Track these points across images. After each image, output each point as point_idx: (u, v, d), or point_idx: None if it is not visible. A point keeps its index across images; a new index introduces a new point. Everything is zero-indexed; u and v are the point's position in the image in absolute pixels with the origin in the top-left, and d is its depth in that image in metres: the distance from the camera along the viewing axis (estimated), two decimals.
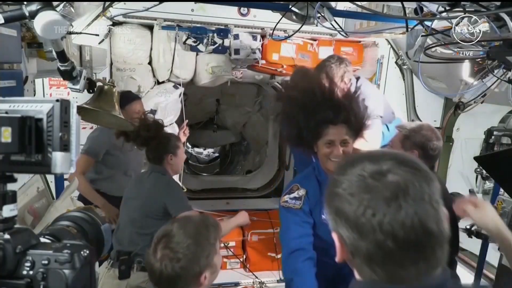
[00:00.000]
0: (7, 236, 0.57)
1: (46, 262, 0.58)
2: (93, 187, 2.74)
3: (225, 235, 2.32)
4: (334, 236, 0.76)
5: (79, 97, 2.65)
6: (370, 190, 0.68)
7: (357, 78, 2.97)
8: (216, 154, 7.06)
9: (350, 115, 1.68)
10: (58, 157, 0.52)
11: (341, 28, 2.20)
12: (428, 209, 0.68)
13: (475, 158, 2.08)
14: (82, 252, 0.60)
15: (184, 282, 1.25)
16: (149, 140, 2.26)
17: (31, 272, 0.58)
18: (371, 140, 2.22)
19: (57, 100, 0.52)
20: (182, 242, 1.25)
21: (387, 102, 3.19)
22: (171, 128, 3.37)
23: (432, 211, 0.68)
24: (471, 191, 2.66)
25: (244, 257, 3.67)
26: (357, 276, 0.74)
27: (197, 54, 3.45)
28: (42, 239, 0.65)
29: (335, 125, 1.66)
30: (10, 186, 0.59)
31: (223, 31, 3.30)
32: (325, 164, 1.77)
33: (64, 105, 0.52)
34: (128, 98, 2.87)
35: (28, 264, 0.58)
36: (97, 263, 0.65)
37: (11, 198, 0.58)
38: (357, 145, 1.80)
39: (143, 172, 2.49)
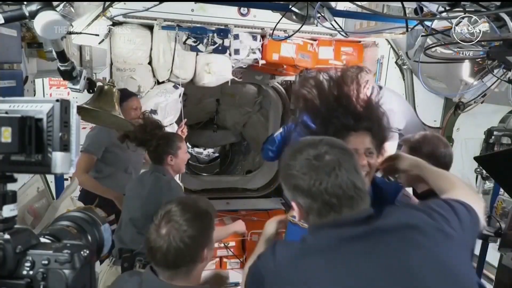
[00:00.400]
0: (7, 236, 0.57)
1: (46, 262, 0.58)
2: None
3: (221, 239, 2.30)
4: (293, 204, 1.06)
5: (79, 97, 2.65)
6: (315, 168, 0.99)
7: (380, 87, 2.95)
8: (216, 154, 7.06)
9: (373, 122, 1.55)
10: (58, 157, 0.52)
11: (341, 28, 2.20)
12: (355, 174, 1.01)
13: (475, 158, 2.08)
14: (82, 252, 0.60)
15: (192, 254, 1.24)
16: (145, 142, 2.25)
17: (31, 272, 0.58)
18: (390, 152, 2.09)
19: (57, 100, 0.52)
20: (184, 215, 1.26)
21: (412, 113, 3.17)
22: (171, 128, 3.37)
23: (358, 175, 1.02)
24: None
25: (244, 257, 3.68)
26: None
27: (197, 54, 3.45)
28: (42, 239, 0.65)
29: (357, 132, 1.50)
30: (10, 186, 0.59)
31: (223, 31, 3.31)
32: None
33: (64, 105, 0.52)
34: (124, 95, 2.83)
35: (28, 264, 0.58)
36: (98, 262, 0.65)
37: (11, 198, 0.58)
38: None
39: (144, 172, 2.48)
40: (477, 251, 2.37)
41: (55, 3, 1.47)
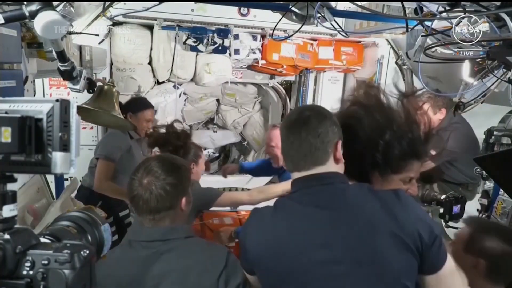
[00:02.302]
0: (7, 236, 0.57)
1: (46, 262, 0.58)
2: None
3: (274, 195, 2.25)
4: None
5: (79, 97, 2.65)
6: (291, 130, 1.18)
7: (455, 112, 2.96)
8: (216, 154, 7.05)
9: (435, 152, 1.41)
10: (58, 157, 0.52)
11: (341, 28, 2.20)
12: (314, 134, 1.14)
13: (475, 159, 2.08)
14: (82, 252, 0.59)
15: (171, 200, 1.32)
16: (178, 149, 2.29)
17: (31, 272, 0.58)
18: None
19: (57, 100, 0.52)
20: (163, 166, 1.34)
21: (473, 143, 3.09)
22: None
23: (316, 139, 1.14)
24: None
25: None
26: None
27: (197, 54, 3.45)
28: (42, 239, 0.65)
29: (419, 160, 1.36)
30: (10, 186, 0.59)
31: (223, 31, 3.31)
32: None
33: (64, 105, 0.52)
34: (141, 104, 2.87)
35: (28, 264, 0.58)
36: None
37: (11, 198, 0.58)
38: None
39: None
40: None
41: (55, 3, 1.46)
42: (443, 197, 2.51)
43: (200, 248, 1.34)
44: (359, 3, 1.96)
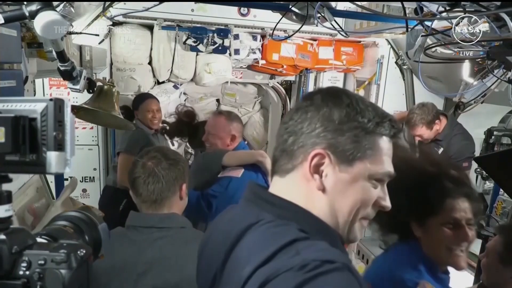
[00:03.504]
0: (3, 236, 0.56)
1: (42, 262, 0.57)
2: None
3: (242, 161, 2.25)
4: None
5: (79, 97, 2.66)
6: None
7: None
8: None
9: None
10: (52, 157, 0.52)
11: (341, 28, 2.19)
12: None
13: (475, 159, 2.08)
14: (78, 252, 0.59)
15: (173, 185, 1.36)
16: (192, 133, 2.42)
17: (27, 272, 0.57)
18: None
19: (51, 99, 0.52)
20: (165, 154, 1.39)
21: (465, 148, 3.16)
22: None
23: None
24: None
25: None
26: None
27: (197, 54, 3.45)
28: (39, 239, 0.65)
29: (453, 198, 1.16)
30: (8, 185, 0.59)
31: (223, 31, 3.31)
32: (446, 258, 1.17)
33: (58, 104, 0.52)
34: (141, 97, 3.02)
35: (24, 264, 0.58)
36: None
37: (6, 198, 0.57)
38: None
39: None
40: (477, 251, 2.36)
41: (55, 3, 1.46)
42: None
43: (196, 238, 1.33)
44: (359, 3, 1.96)
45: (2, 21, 1.25)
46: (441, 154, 2.72)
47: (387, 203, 0.77)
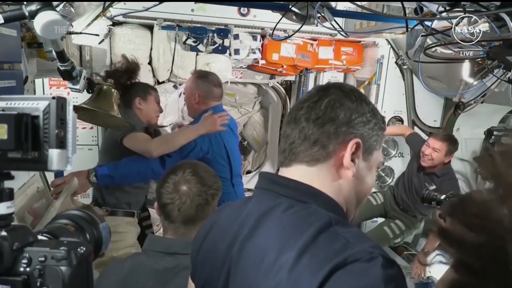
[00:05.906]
0: (4, 233, 0.57)
1: (43, 259, 0.58)
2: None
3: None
4: None
5: (79, 97, 2.66)
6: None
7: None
8: None
9: None
10: (54, 154, 0.53)
11: (341, 28, 2.20)
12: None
13: (475, 159, 2.08)
14: (79, 249, 0.60)
15: (208, 211, 1.31)
16: (124, 83, 2.49)
17: (28, 269, 0.58)
18: None
19: (53, 98, 0.52)
20: (201, 175, 1.33)
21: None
22: (170, 129, 3.38)
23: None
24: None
25: None
26: None
27: (197, 54, 3.45)
28: (40, 237, 0.65)
29: None
30: (9, 184, 0.59)
31: (223, 31, 3.31)
32: None
33: (61, 102, 0.53)
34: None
35: (25, 261, 0.58)
36: None
37: (8, 195, 0.58)
38: None
39: None
40: None
41: (55, 3, 1.47)
42: (443, 197, 2.52)
43: None
44: (359, 3, 1.96)
45: (2, 21, 1.26)
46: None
47: None
